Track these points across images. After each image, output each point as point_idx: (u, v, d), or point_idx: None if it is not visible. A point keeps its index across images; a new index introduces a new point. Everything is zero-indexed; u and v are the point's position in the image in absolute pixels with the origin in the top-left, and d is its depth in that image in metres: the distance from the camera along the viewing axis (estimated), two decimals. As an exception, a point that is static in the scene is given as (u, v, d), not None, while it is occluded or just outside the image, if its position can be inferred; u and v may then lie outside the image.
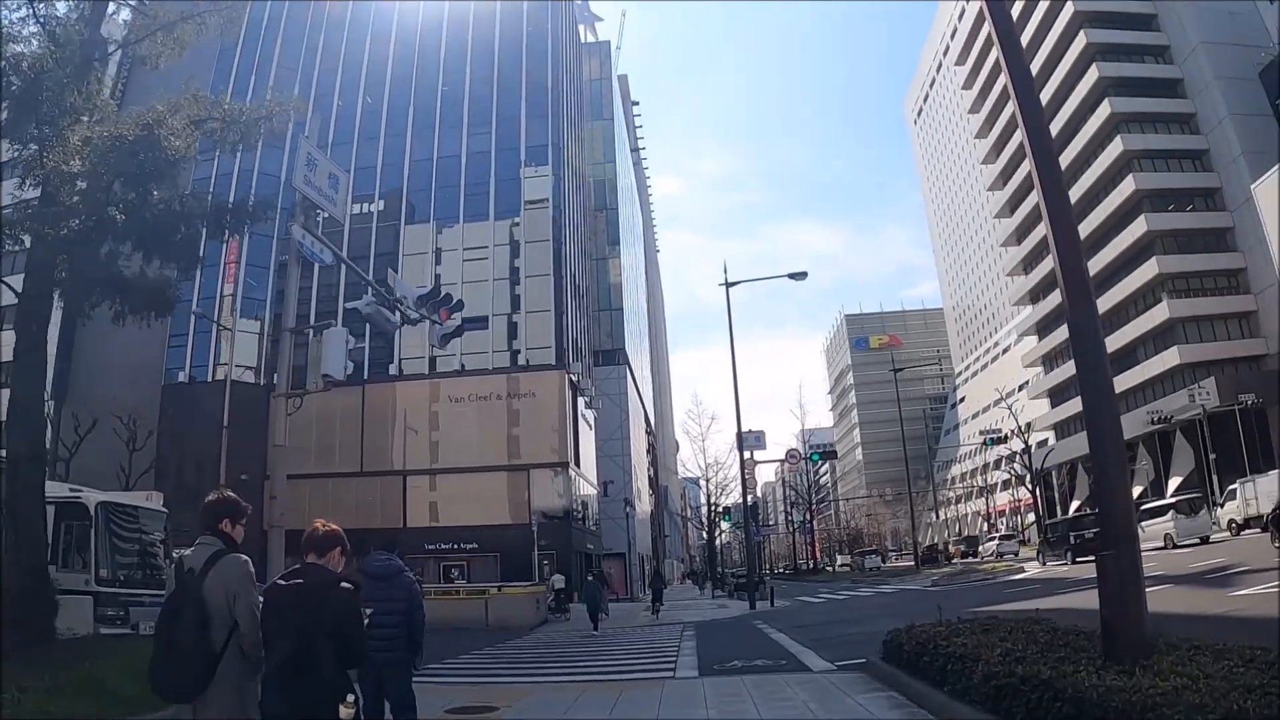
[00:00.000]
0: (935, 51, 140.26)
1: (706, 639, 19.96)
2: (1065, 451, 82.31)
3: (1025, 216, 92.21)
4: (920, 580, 39.71)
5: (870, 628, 17.73)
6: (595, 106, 78.75)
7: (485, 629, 26.74)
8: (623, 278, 76.48)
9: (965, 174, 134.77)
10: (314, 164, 14.35)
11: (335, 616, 4.46)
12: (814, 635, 17.40)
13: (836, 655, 13.46)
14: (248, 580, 4.68)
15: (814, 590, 42.81)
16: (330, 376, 14.13)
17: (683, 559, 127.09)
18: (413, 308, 16.34)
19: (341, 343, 14.52)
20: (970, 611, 19.88)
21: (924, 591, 31.07)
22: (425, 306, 16.52)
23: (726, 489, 65.14)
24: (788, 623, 22.29)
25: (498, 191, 52.28)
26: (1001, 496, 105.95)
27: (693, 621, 27.00)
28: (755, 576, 33.25)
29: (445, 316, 16.85)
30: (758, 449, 35.83)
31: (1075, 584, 22.82)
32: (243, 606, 4.57)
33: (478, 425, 48.45)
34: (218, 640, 4.48)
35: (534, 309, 50.67)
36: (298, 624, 4.40)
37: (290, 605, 4.50)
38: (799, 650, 14.78)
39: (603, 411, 65.18)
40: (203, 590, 4.53)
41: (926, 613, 21.00)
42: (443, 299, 16.75)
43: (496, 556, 44.56)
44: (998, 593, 24.21)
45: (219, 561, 4.64)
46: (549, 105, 53.51)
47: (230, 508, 4.95)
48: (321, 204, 14.42)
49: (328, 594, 4.52)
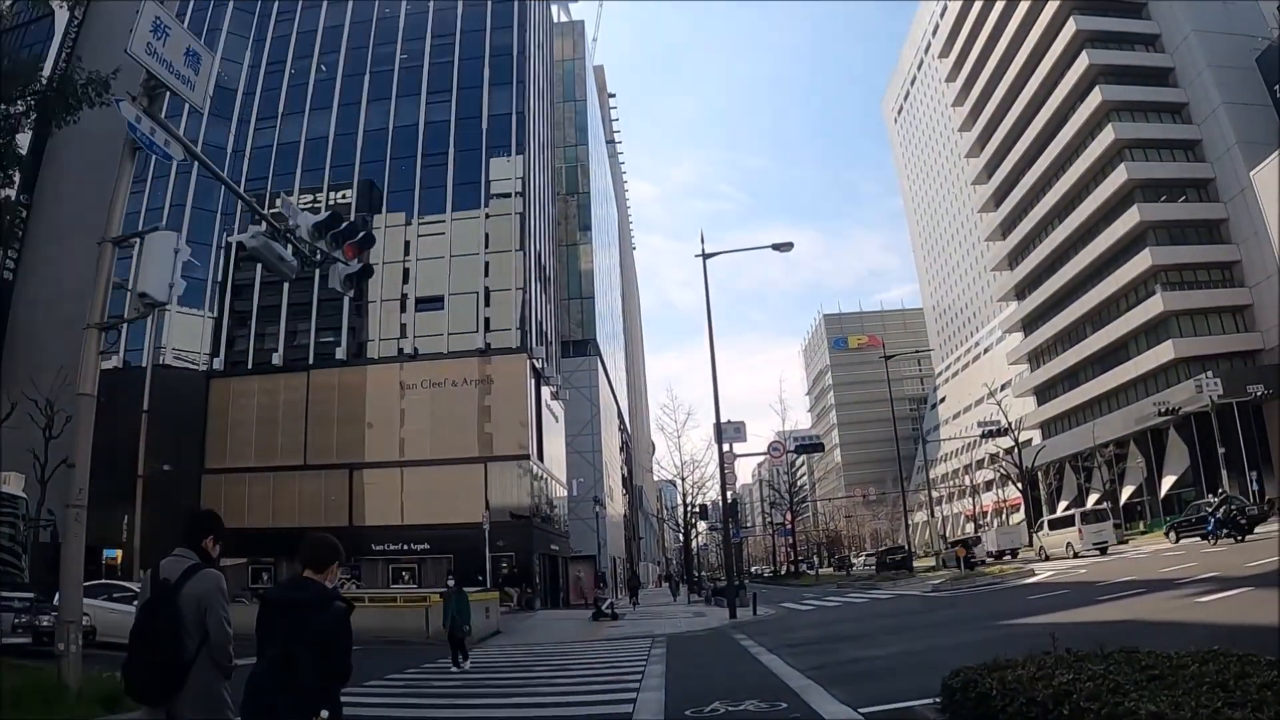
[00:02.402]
0: (916, 49, 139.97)
1: (680, 659, 16.26)
2: (1056, 449, 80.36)
3: (1010, 210, 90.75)
4: (915, 585, 36.38)
5: (886, 649, 14.36)
6: (567, 88, 75.24)
7: (425, 642, 23.09)
8: (595, 265, 72.73)
9: (946, 172, 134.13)
10: (164, 32, 10.76)
11: (324, 631, 4.42)
12: (815, 659, 13.73)
13: (856, 694, 9.82)
14: (220, 595, 4.91)
15: (798, 596, 39.25)
16: (150, 297, 10.59)
17: (658, 562, 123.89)
18: (307, 238, 12.71)
19: (167, 254, 10.98)
20: (1001, 625, 16.70)
21: (926, 599, 27.57)
22: (325, 239, 12.90)
23: (703, 488, 62.27)
24: (778, 638, 18.59)
25: (458, 163, 48.51)
26: (985, 497, 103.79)
27: (664, 634, 23.08)
28: (735, 580, 29.40)
29: (352, 254, 13.24)
30: (738, 441, 32.30)
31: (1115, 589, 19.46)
32: (214, 619, 4.81)
33: (432, 415, 44.76)
34: (189, 648, 4.72)
35: (495, 287, 46.82)
36: (286, 633, 4.38)
37: (282, 614, 4.50)
38: (801, 684, 11.12)
39: (572, 405, 61.55)
40: (178, 600, 4.76)
41: (942, 627, 17.79)
42: (345, 229, 13.07)
43: (451, 558, 40.78)
44: (1021, 601, 20.71)
45: (195, 575, 4.86)
46: (514, 72, 49.71)
47: (216, 527, 5.25)
48: (168, 82, 10.84)
49: (319, 608, 4.48)
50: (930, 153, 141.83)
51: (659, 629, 25.20)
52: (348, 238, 13.19)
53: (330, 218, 12.93)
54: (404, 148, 49.23)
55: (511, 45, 50.32)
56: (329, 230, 12.96)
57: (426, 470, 44.53)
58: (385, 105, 50.48)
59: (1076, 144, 76.75)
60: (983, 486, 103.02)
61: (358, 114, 50.54)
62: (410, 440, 44.95)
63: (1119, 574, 24.80)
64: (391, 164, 49.19)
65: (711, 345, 30.29)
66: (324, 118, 50.71)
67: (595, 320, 70.23)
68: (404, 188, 48.68)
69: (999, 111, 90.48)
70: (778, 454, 36.10)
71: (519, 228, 47.35)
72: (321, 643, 4.40)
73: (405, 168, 48.86)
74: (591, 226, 73.61)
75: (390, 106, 50.42)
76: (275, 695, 4.35)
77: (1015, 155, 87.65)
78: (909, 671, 11.42)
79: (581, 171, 74.76)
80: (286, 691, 4.33)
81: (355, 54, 51.97)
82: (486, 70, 49.75)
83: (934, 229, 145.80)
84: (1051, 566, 34.40)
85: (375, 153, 49.47)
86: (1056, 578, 28.17)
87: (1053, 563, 37.30)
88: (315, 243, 12.90)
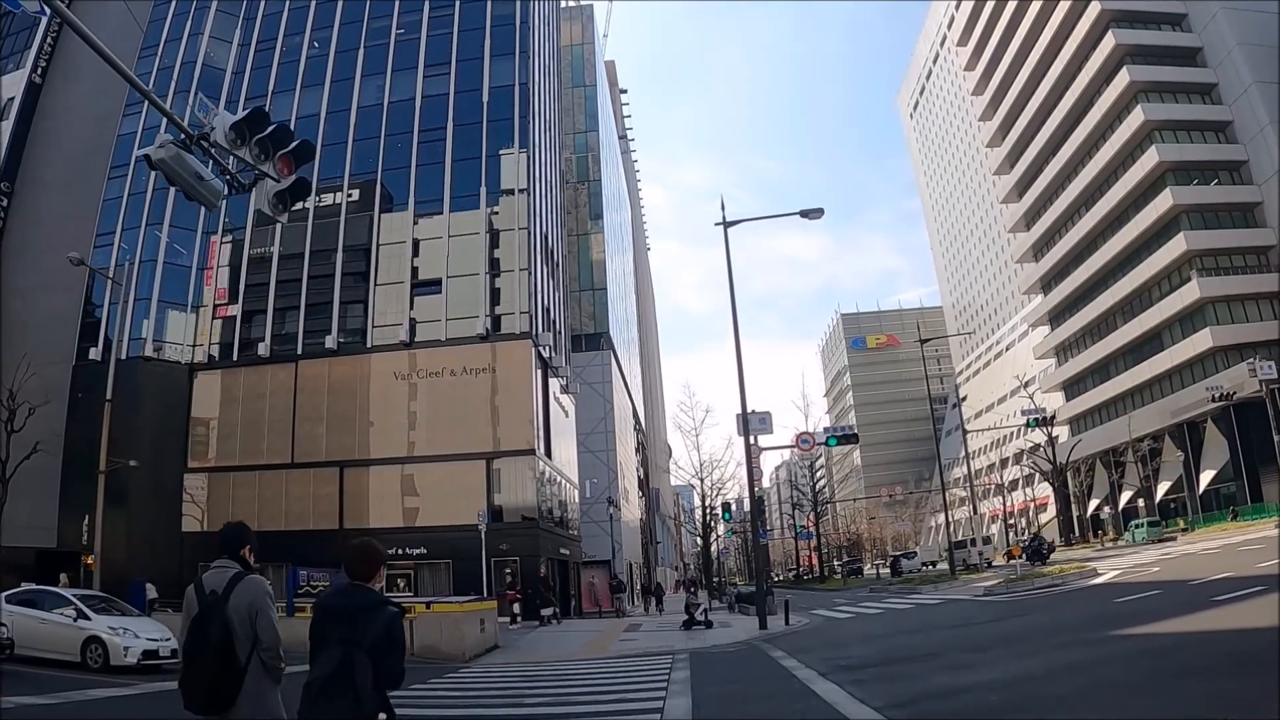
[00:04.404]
0: (931, 42, 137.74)
1: (708, 686, 12.95)
2: (1086, 445, 77.80)
3: (1034, 200, 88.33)
4: (960, 588, 33.14)
5: (981, 674, 10.95)
6: (576, 72, 72.16)
7: (410, 658, 20.03)
8: (606, 255, 69.51)
9: (965, 165, 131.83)
10: None
11: (379, 635, 4.43)
12: (888, 690, 10.19)
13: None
14: (269, 598, 5.03)
15: (829, 602, 36.03)
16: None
17: (676, 566, 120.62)
18: (225, 144, 9.71)
19: None
20: (1112, 637, 12.89)
21: (984, 604, 24.23)
22: (249, 147, 9.90)
23: (722, 490, 59.38)
24: (826, 657, 14.99)
25: (457, 138, 45.39)
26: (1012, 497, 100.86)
27: (686, 650, 19.68)
28: (765, 585, 26.02)
29: (287, 168, 10.25)
30: (763, 432, 29.12)
31: (1223, 587, 16.11)
32: (264, 621, 4.91)
33: (429, 407, 41.56)
34: (242, 656, 4.80)
35: (497, 269, 43.80)
36: (341, 639, 4.41)
37: (337, 621, 4.52)
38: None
39: (584, 403, 58.35)
40: (226, 609, 4.85)
41: (1032, 640, 14.48)
42: (275, 133, 10.04)
43: (449, 564, 37.70)
44: (1108, 605, 17.52)
45: (240, 582, 4.96)
46: (515, 43, 46.58)
47: (250, 538, 5.29)
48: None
49: (374, 613, 4.50)
50: (948, 147, 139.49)
51: (679, 643, 21.88)
52: (278, 146, 10.19)
53: (252, 115, 9.88)
54: (400, 124, 46.17)
55: (514, 15, 47.06)
56: (254, 134, 9.96)
57: (423, 468, 41.41)
58: (380, 80, 47.47)
59: (1104, 127, 74.52)
60: (1008, 487, 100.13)
61: (350, 90, 47.57)
62: (406, 435, 41.85)
63: (1202, 570, 21.77)
64: (387, 140, 46.08)
65: (735, 322, 27.25)
66: (315, 95, 47.79)
67: (608, 312, 66.94)
68: (400, 165, 45.54)
69: (1021, 97, 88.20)
70: (807, 445, 32.97)
71: (523, 206, 44.13)
72: (377, 645, 4.40)
73: (402, 145, 45.75)
74: (603, 215, 70.38)
75: (385, 81, 47.43)
76: (335, 699, 4.33)
77: (1039, 142, 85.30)
78: (1045, 712, 8.34)
79: (592, 159, 71.58)
80: (345, 696, 4.32)
81: (348, 29, 49.03)
82: (488, 41, 46.65)
83: (953, 226, 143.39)
84: (1112, 565, 31.24)
85: (370, 129, 46.46)
86: (1126, 577, 25.05)
87: (1110, 560, 34.18)
88: (237, 151, 9.89)
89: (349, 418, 42.33)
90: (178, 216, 44.87)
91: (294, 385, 42.64)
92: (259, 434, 42.67)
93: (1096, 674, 9.61)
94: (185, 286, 45.53)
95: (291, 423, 42.36)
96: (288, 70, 48.33)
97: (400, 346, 42.54)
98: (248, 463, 42.33)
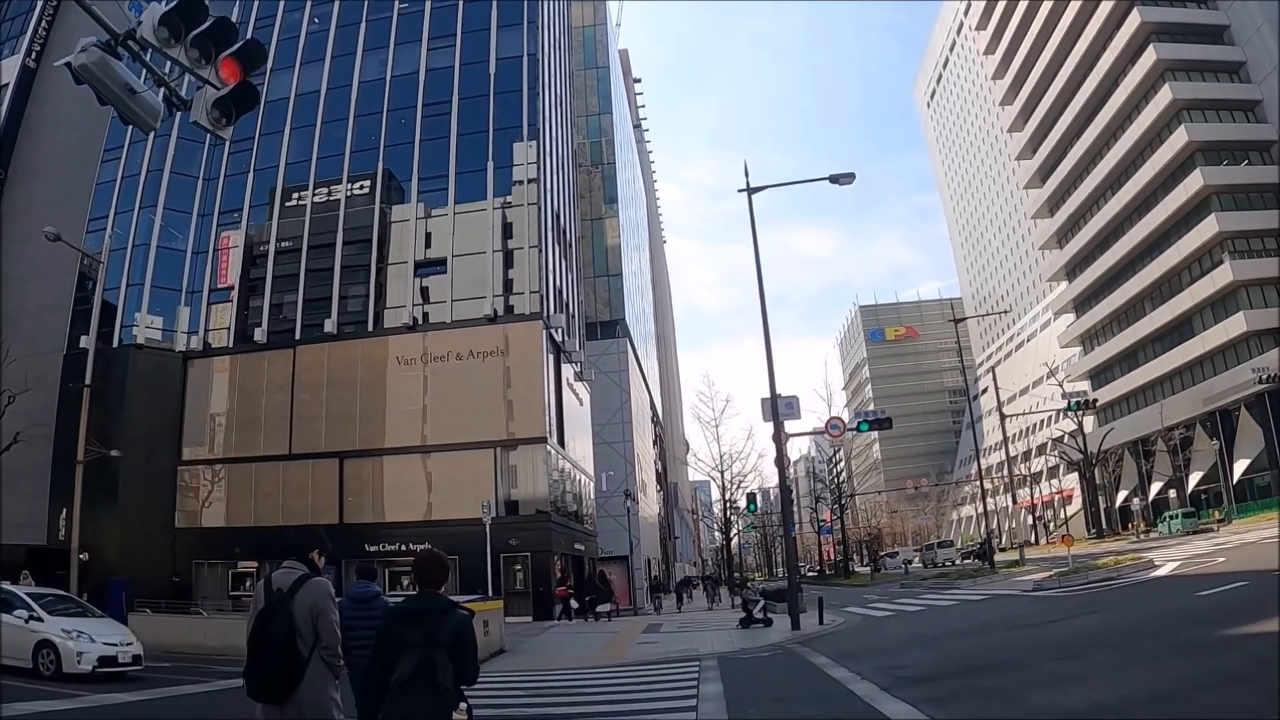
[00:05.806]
0: (949, 28, 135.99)
1: (745, 705, 10.76)
2: (1114, 435, 75.40)
3: (1059, 184, 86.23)
4: (1002, 582, 31.12)
5: (1081, 692, 8.79)
6: (588, 54, 70.17)
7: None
8: (621, 243, 67.60)
9: (984, 153, 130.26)
10: None
11: (454, 635, 4.62)
12: (972, 709, 8.49)
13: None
14: (331, 600, 5.47)
15: (860, 599, 33.91)
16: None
17: (694, 562, 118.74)
18: (154, 41, 7.79)
19: None
20: (1221, 639, 10.51)
21: (1037, 600, 22.14)
22: (185, 46, 7.99)
23: (744, 483, 57.49)
24: (880, 665, 12.71)
25: (462, 113, 43.45)
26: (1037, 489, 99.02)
27: (714, 655, 17.24)
28: (796, 581, 23.80)
29: (233, 73, 8.31)
30: (790, 418, 27.14)
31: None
32: (325, 622, 5.36)
33: (433, 393, 39.55)
34: (304, 650, 5.23)
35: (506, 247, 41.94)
36: (420, 641, 4.55)
37: (414, 625, 4.64)
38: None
39: (600, 394, 56.42)
40: (291, 607, 5.26)
41: (1119, 645, 12.22)
42: (213, 27, 8.10)
43: (455, 560, 35.82)
44: (1191, 599, 15.50)
45: (306, 584, 5.39)
46: (524, 12, 44.55)
47: (322, 543, 5.88)
48: None
49: (447, 615, 4.69)
50: (967, 134, 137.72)
51: (704, 645, 19.69)
52: (221, 46, 8.24)
53: (185, 3, 7.91)
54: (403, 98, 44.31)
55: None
56: (190, 29, 8.02)
57: (427, 458, 39.59)
58: (383, 54, 45.64)
59: (1130, 107, 72.48)
60: (1031, 479, 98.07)
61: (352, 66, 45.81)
62: (411, 424, 39.96)
63: (1274, 560, 19.77)
64: (389, 116, 44.19)
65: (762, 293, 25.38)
66: (315, 71, 46.10)
67: (624, 299, 65.01)
68: (403, 140, 43.64)
69: (1044, 79, 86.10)
70: (838, 430, 30.92)
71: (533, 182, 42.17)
72: (453, 644, 4.59)
73: (405, 120, 43.87)
74: (617, 200, 68.49)
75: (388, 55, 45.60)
76: (416, 696, 4.46)
77: (1063, 124, 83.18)
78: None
79: (606, 143, 69.71)
80: (427, 693, 4.47)
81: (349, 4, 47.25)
82: (494, 11, 44.69)
83: (972, 216, 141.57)
84: (1163, 557, 29.14)
85: (371, 104, 44.63)
86: (1189, 569, 23.06)
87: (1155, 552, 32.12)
88: (169, 51, 7.94)
89: (349, 406, 40.49)
90: (172, 198, 43.41)
91: (291, 373, 40.93)
92: (255, 424, 41.02)
93: (1253, 687, 7.59)
94: (179, 271, 43.92)
95: (289, 413, 40.77)
96: (287, 46, 46.62)
97: (404, 330, 40.68)
98: (244, 454, 40.70)
